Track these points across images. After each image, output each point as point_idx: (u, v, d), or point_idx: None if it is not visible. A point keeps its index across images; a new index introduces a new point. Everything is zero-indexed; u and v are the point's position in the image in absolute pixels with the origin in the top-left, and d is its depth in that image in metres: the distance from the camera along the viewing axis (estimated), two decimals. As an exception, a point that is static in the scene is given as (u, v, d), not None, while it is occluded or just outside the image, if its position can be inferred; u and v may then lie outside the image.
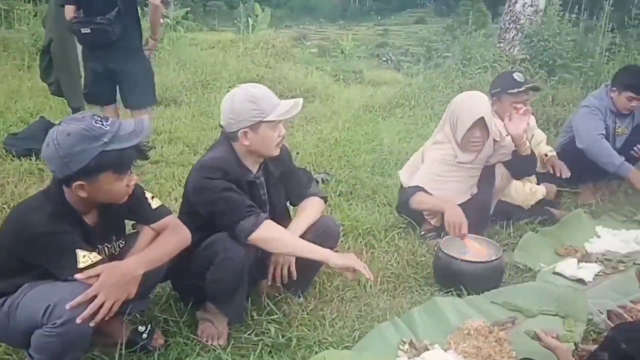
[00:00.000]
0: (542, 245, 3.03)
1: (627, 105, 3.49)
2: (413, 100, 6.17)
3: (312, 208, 2.32)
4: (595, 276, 2.72)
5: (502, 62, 5.92)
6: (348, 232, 3.06)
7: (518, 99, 3.06)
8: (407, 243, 2.99)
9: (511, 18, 6.08)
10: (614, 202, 3.65)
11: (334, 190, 3.66)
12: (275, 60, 11.58)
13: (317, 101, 6.54)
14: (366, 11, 45.57)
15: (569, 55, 5.81)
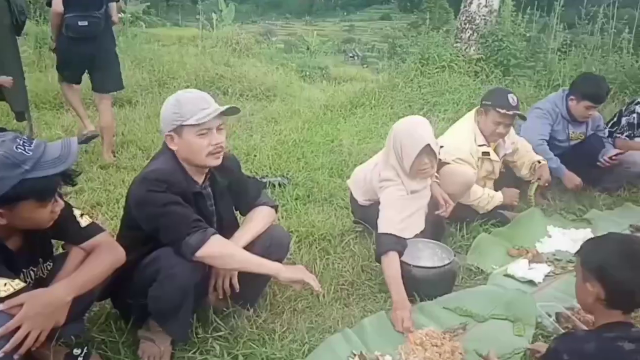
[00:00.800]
0: (494, 246, 3.04)
1: (584, 114, 3.56)
2: (374, 100, 6.13)
3: (260, 217, 2.24)
4: (545, 277, 2.74)
5: (459, 62, 5.96)
6: (303, 238, 2.99)
7: (503, 120, 3.08)
8: (363, 248, 2.94)
9: (467, 18, 6.11)
10: (565, 201, 3.69)
11: (290, 194, 3.58)
12: (238, 57, 11.43)
13: (278, 100, 6.44)
14: (332, 7, 45.54)
15: (522, 55, 5.88)
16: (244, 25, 30.70)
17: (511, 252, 3.00)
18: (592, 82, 3.57)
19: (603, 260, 1.55)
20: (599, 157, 3.63)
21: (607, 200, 3.77)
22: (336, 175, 4.04)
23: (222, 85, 6.49)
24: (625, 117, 3.88)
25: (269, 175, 3.92)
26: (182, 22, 23.40)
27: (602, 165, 3.63)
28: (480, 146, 3.17)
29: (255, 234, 2.17)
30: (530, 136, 3.53)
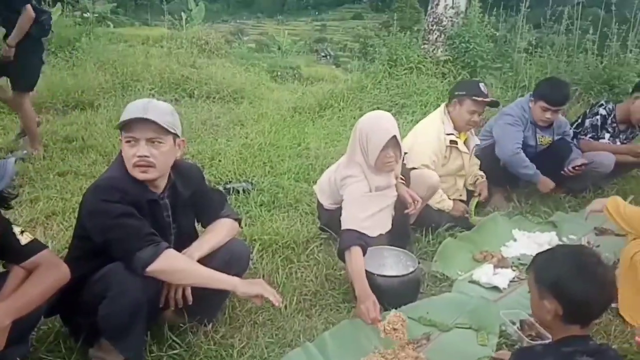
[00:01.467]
0: (460, 251, 3.02)
1: (541, 116, 3.55)
2: (342, 101, 6.09)
3: (221, 229, 2.16)
4: (510, 282, 2.73)
5: (427, 64, 5.96)
6: (267, 246, 2.92)
7: (478, 108, 3.19)
8: (327, 256, 2.89)
9: (434, 20, 6.11)
10: (530, 204, 3.71)
11: (255, 200, 3.51)
12: (208, 58, 11.26)
13: (246, 102, 6.34)
14: (304, 6, 45.52)
15: (489, 57, 5.92)
16: (214, 25, 30.43)
17: (476, 257, 2.98)
18: (550, 84, 3.58)
19: (557, 276, 1.52)
20: (565, 164, 3.65)
21: (573, 202, 3.81)
22: (302, 179, 3.97)
23: (188, 87, 6.35)
24: (589, 119, 3.91)
25: (234, 180, 3.83)
26: (152, 22, 22.97)
27: (566, 174, 3.66)
28: (448, 135, 3.22)
29: (214, 245, 2.09)
30: (505, 145, 3.53)
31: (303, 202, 3.57)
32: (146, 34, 13.81)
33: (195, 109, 5.88)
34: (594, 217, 3.50)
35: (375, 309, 2.24)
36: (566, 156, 3.69)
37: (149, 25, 21.43)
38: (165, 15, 14.20)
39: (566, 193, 3.83)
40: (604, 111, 3.87)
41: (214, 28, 26.08)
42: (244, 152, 4.34)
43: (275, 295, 1.93)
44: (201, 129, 5.20)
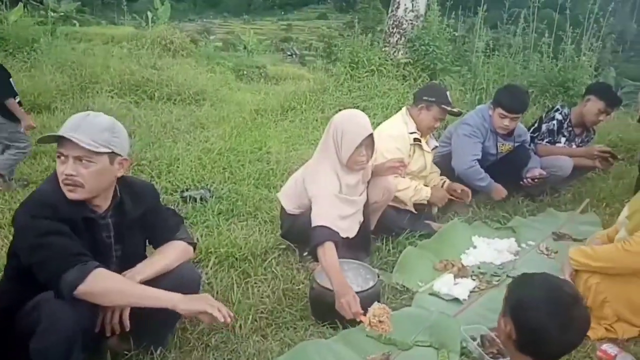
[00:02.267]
0: (421, 260, 2.89)
1: (500, 124, 3.45)
2: (304, 103, 5.91)
3: (171, 252, 1.95)
4: (470, 293, 2.63)
5: (388, 66, 5.84)
6: (223, 259, 2.73)
7: (443, 116, 3.20)
8: (286, 269, 2.72)
9: (394, 22, 6.00)
10: (489, 208, 3.63)
11: (212, 209, 3.30)
12: (173, 57, 10.88)
13: (208, 104, 6.08)
14: (270, 6, 44.85)
15: (448, 59, 5.85)
16: (181, 24, 29.72)
17: (437, 267, 2.86)
18: (508, 92, 3.47)
19: (522, 299, 1.40)
20: (523, 173, 3.59)
21: (531, 205, 3.74)
22: (262, 185, 3.79)
23: (149, 89, 6.04)
24: (545, 124, 3.85)
25: (192, 188, 3.61)
26: (119, 21, 22.22)
27: (524, 185, 3.59)
28: (411, 133, 3.17)
29: (160, 269, 1.88)
30: (461, 158, 3.44)
31: (263, 209, 3.38)
32: (111, 33, 13.30)
33: (155, 111, 5.59)
34: (551, 221, 3.51)
35: (356, 302, 2.15)
36: (525, 163, 3.63)
37: (116, 24, 20.75)
38: (134, 14, 13.74)
39: (524, 197, 3.77)
40: (559, 116, 3.82)
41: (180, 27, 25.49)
42: (203, 157, 4.11)
43: (221, 310, 1.71)
44: (161, 132, 4.94)
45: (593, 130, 3.94)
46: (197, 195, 3.41)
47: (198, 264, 2.69)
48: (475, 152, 3.42)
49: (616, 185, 4.09)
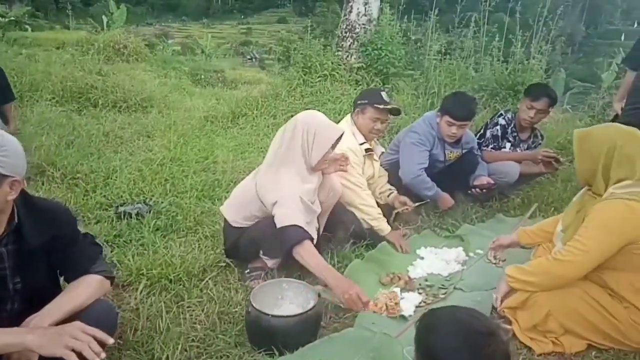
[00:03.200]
0: (366, 274, 2.77)
1: (448, 132, 3.37)
2: (256, 109, 5.74)
3: (84, 289, 1.73)
4: (416, 308, 2.52)
5: (341, 71, 5.74)
6: (155, 282, 2.52)
7: (380, 116, 3.09)
8: (223, 289, 2.54)
9: (347, 27, 5.91)
10: (437, 216, 3.55)
11: (149, 225, 3.08)
12: (127, 62, 10.54)
13: (155, 111, 5.83)
14: (229, 10, 44.46)
15: (400, 64, 5.79)
16: (139, 28, 29.02)
17: (383, 280, 2.74)
18: (455, 99, 3.40)
19: (431, 347, 1.27)
20: (471, 180, 3.54)
21: (480, 212, 3.69)
22: (206, 197, 3.60)
23: (92, 96, 5.73)
24: (489, 130, 3.81)
25: (128, 202, 3.38)
26: (74, 25, 21.47)
27: (472, 194, 3.55)
28: (362, 144, 3.10)
29: (71, 309, 1.65)
30: (407, 167, 3.34)
31: (204, 224, 3.20)
32: (63, 38, 12.83)
33: (98, 119, 5.31)
34: (500, 227, 3.46)
35: (363, 292, 2.20)
36: (473, 169, 3.58)
37: (71, 29, 20.04)
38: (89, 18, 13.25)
39: (473, 203, 3.71)
40: (503, 121, 3.79)
41: (137, 31, 24.90)
42: (144, 168, 3.88)
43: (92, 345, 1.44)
44: (102, 142, 4.67)
45: (541, 136, 3.93)
46: (133, 211, 3.19)
47: (127, 288, 2.49)
48: (421, 160, 3.34)
49: (565, 189, 4.08)
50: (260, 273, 2.63)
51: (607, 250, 2.02)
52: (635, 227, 1.98)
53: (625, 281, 2.09)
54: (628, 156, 2.06)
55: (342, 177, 2.93)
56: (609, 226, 2.00)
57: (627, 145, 2.08)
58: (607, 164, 2.10)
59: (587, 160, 2.16)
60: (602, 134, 2.16)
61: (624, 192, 2.03)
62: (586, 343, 2.19)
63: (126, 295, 2.44)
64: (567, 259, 2.07)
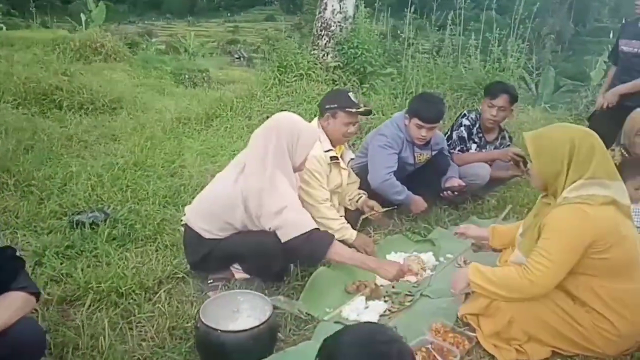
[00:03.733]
0: (332, 282, 2.68)
1: (417, 134, 3.28)
2: (231, 110, 5.63)
3: (5, 307, 1.63)
4: (380, 317, 2.44)
5: (317, 70, 5.64)
6: (103, 297, 2.41)
7: (352, 119, 2.99)
8: (178, 302, 2.43)
9: (322, 25, 5.81)
10: (410, 219, 3.47)
11: (104, 234, 2.96)
12: (104, 61, 10.36)
13: (125, 113, 5.68)
14: (215, 7, 44.08)
15: (377, 63, 5.70)
16: (120, 26, 28.72)
17: (349, 289, 2.66)
18: (423, 101, 3.31)
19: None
20: (443, 181, 3.48)
21: (454, 214, 3.62)
22: (170, 204, 3.48)
23: (57, 97, 5.57)
24: (455, 132, 3.74)
25: (84, 210, 3.25)
26: (53, 24, 21.15)
27: (445, 197, 3.48)
28: (327, 151, 2.96)
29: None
30: (376, 170, 3.25)
31: (165, 232, 3.08)
32: (38, 37, 12.61)
33: (63, 122, 5.15)
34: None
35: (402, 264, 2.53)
36: (444, 170, 3.51)
37: (50, 27, 19.74)
38: (66, 17, 13.05)
39: (447, 205, 3.64)
40: (467, 121, 3.71)
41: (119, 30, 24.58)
42: (104, 173, 3.74)
43: None
44: (65, 146, 4.52)
45: (509, 137, 3.86)
46: (88, 220, 3.06)
47: (74, 303, 2.38)
48: (389, 164, 3.25)
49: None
50: (218, 285, 2.53)
51: (572, 259, 1.98)
52: (590, 231, 1.93)
53: (584, 285, 2.04)
54: (586, 154, 2.02)
55: (302, 191, 2.82)
56: (569, 235, 1.96)
57: (584, 143, 2.03)
58: (569, 164, 2.04)
59: (550, 162, 2.08)
60: (560, 134, 2.11)
61: (575, 196, 1.97)
62: (550, 350, 2.14)
63: (72, 311, 2.32)
64: (536, 279, 1.99)
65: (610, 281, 2.03)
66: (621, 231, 1.97)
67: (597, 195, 1.97)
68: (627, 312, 2.03)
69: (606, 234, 1.96)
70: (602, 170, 2.02)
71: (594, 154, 2.02)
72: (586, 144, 2.03)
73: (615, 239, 1.95)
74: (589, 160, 2.01)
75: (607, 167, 2.04)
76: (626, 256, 2.00)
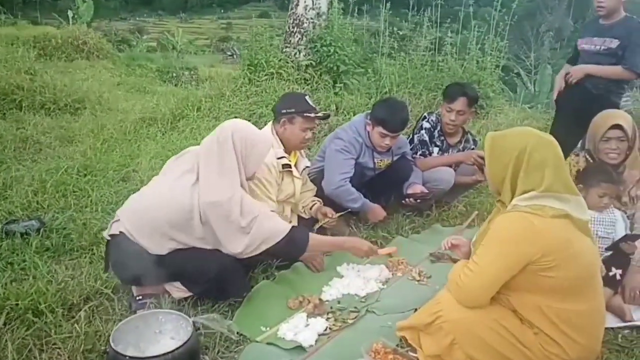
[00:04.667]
0: (273, 298, 2.53)
1: (380, 142, 3.14)
2: (198, 110, 5.48)
3: None
4: (319, 336, 2.28)
5: (288, 69, 5.47)
6: (18, 316, 2.24)
7: (310, 125, 2.88)
8: (102, 321, 2.27)
9: (294, 21, 5.64)
10: (369, 228, 3.32)
11: (36, 246, 2.79)
12: (87, 59, 10.24)
13: (88, 113, 5.52)
14: (208, 3, 43.88)
15: (351, 61, 5.54)
16: (111, 23, 28.54)
17: (291, 304, 2.50)
18: (387, 109, 3.12)
19: None
20: (405, 187, 3.34)
21: (417, 221, 3.47)
22: (115, 212, 3.30)
23: (17, 97, 5.40)
24: (416, 135, 3.59)
25: (21, 219, 3.09)
26: (42, 20, 20.96)
27: (406, 204, 3.35)
28: (279, 159, 2.81)
29: None
30: (330, 175, 3.11)
31: (102, 242, 2.90)
32: (19, 34, 12.45)
33: (21, 123, 4.99)
34: (435, 239, 3.23)
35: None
36: (407, 176, 3.36)
37: (39, 24, 19.55)
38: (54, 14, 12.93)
39: (410, 212, 3.49)
40: (427, 124, 3.56)
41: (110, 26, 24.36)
42: (48, 179, 3.57)
43: None
44: (19, 148, 4.38)
45: (473, 140, 3.71)
46: (20, 229, 2.90)
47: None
48: (345, 170, 3.09)
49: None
50: (147, 301, 2.37)
51: (504, 271, 1.82)
52: (534, 244, 1.77)
53: (531, 303, 1.88)
54: (537, 164, 1.85)
55: None
56: (505, 243, 1.81)
57: (537, 152, 1.87)
58: (515, 172, 1.89)
59: (497, 166, 1.95)
60: (514, 138, 1.95)
61: (526, 205, 1.82)
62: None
63: None
64: (462, 284, 1.88)
65: (559, 301, 1.87)
66: (573, 248, 1.81)
67: (549, 207, 1.81)
68: (578, 335, 1.88)
69: (554, 250, 1.80)
70: (560, 183, 1.85)
71: (546, 165, 1.85)
72: (539, 153, 1.87)
73: (564, 255, 1.79)
74: (540, 171, 1.85)
75: (565, 180, 1.87)
76: (578, 275, 1.84)
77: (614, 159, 2.75)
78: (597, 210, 2.63)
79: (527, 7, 22.58)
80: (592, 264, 1.91)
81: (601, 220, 2.64)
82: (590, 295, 1.92)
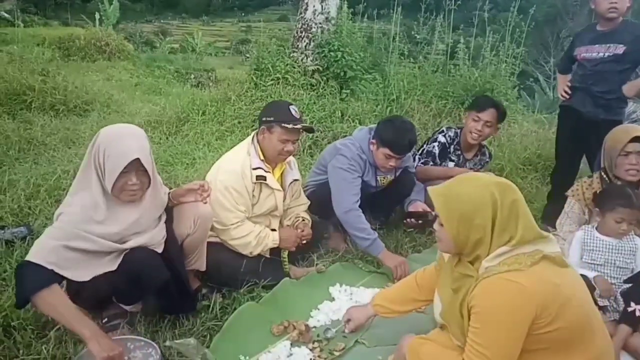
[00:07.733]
0: (257, 321, 2.31)
1: (384, 164, 2.86)
2: (203, 114, 5.30)
3: None
4: (302, 369, 2.06)
5: (295, 74, 5.25)
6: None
7: (290, 136, 2.55)
8: (72, 343, 2.09)
9: (303, 26, 5.41)
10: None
11: (19, 255, 2.63)
12: (109, 60, 10.23)
13: (95, 115, 5.38)
14: (229, 7, 43.93)
15: (359, 67, 5.29)
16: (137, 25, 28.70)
17: (275, 330, 2.29)
18: (394, 130, 2.81)
19: None
20: (406, 203, 3.13)
21: (418, 239, 3.21)
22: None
23: (27, 98, 5.29)
24: (428, 146, 3.35)
25: (10, 225, 2.93)
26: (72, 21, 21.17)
27: (408, 225, 3.14)
28: (255, 169, 2.55)
29: None
30: (341, 195, 2.83)
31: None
32: (46, 34, 12.55)
33: (29, 124, 4.87)
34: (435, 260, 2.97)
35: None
36: (408, 192, 3.13)
37: (70, 25, 19.74)
38: (81, 15, 13.04)
39: (412, 230, 3.23)
40: (443, 138, 3.32)
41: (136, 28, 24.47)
42: (42, 183, 3.42)
43: None
44: (23, 150, 4.24)
45: (489, 155, 3.44)
46: (6, 236, 2.74)
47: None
48: (355, 190, 2.81)
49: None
50: (120, 322, 2.17)
51: (516, 347, 1.52)
52: (531, 307, 1.48)
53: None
54: (508, 214, 1.54)
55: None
56: (507, 321, 1.49)
57: (506, 201, 1.55)
58: (492, 228, 1.56)
59: (469, 229, 1.57)
60: (478, 193, 1.58)
61: (499, 264, 1.52)
62: None
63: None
64: None
65: (564, 355, 1.60)
66: (564, 292, 1.53)
67: (523, 254, 1.52)
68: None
69: (550, 302, 1.49)
70: (530, 230, 1.55)
71: (518, 208, 1.55)
72: (508, 199, 1.56)
73: (559, 303, 1.51)
74: (514, 218, 1.54)
75: (533, 224, 1.57)
76: (577, 319, 1.56)
77: (633, 175, 2.43)
78: (615, 237, 2.35)
79: (547, 12, 21.95)
80: (586, 301, 1.63)
81: (620, 248, 2.35)
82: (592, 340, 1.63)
